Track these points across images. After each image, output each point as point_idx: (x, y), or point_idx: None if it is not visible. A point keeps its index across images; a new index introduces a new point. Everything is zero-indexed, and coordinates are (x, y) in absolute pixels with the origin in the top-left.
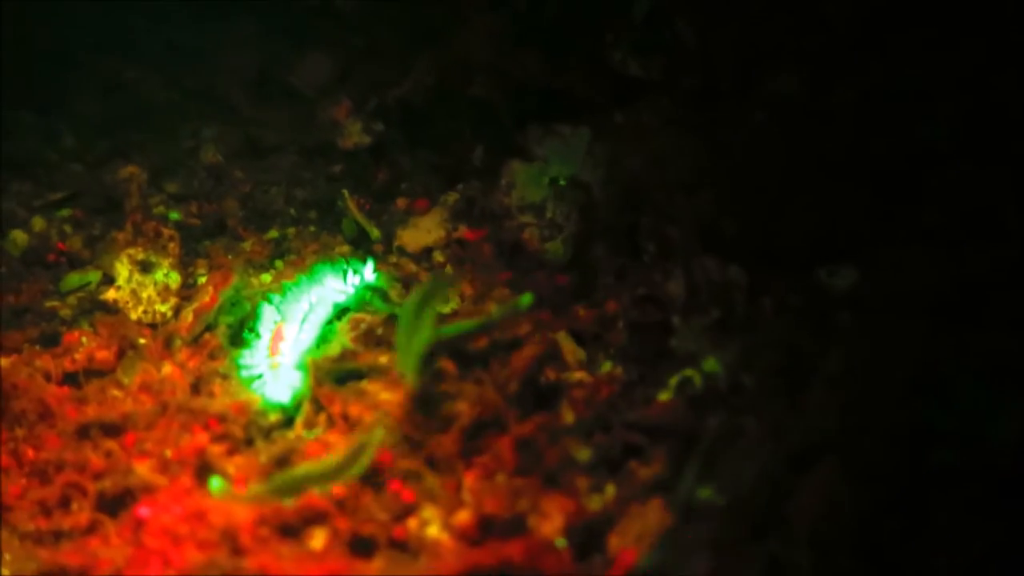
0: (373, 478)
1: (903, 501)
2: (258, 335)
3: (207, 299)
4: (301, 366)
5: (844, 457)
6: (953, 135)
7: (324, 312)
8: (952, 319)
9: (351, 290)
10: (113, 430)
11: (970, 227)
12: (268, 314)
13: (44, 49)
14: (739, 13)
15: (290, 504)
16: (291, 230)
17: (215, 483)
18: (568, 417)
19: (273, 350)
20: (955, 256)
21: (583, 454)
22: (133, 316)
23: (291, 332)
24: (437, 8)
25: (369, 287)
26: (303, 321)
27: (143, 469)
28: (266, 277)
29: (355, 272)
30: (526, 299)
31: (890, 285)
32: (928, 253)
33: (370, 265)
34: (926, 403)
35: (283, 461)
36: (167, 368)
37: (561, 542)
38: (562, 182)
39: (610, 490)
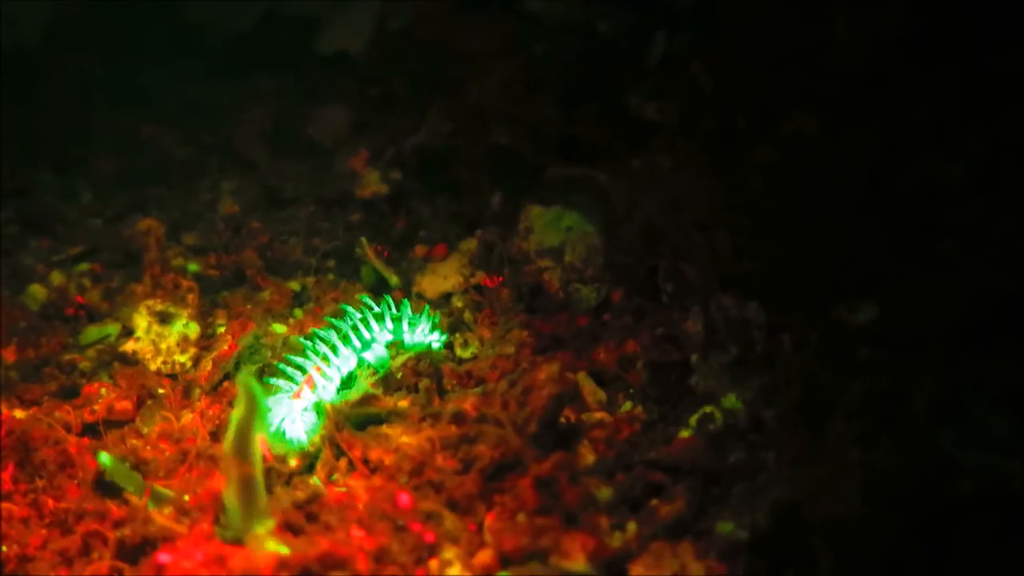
0: (396, 521)
1: (924, 532)
2: (281, 380)
3: (226, 348)
4: (321, 411)
5: (865, 489)
6: (967, 170)
7: (351, 359)
8: (970, 350)
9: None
10: None
11: (986, 259)
12: (289, 361)
13: (62, 107)
14: (754, 55)
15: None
16: (310, 279)
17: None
18: (588, 457)
19: (295, 396)
20: (972, 288)
21: (604, 493)
22: (152, 367)
23: (315, 378)
24: (452, 57)
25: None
26: (329, 366)
27: (162, 516)
28: (282, 328)
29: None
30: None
31: (908, 318)
32: (945, 286)
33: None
34: (946, 434)
35: (302, 505)
36: (187, 416)
37: None
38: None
39: (631, 528)
